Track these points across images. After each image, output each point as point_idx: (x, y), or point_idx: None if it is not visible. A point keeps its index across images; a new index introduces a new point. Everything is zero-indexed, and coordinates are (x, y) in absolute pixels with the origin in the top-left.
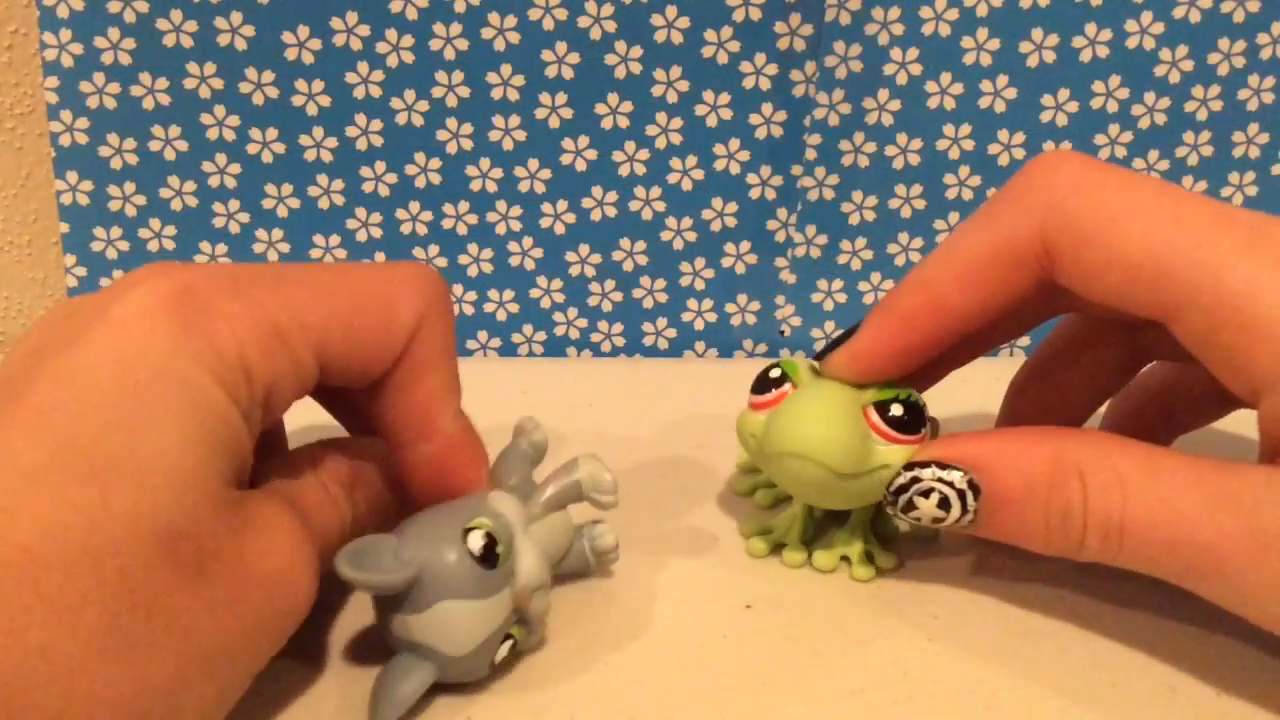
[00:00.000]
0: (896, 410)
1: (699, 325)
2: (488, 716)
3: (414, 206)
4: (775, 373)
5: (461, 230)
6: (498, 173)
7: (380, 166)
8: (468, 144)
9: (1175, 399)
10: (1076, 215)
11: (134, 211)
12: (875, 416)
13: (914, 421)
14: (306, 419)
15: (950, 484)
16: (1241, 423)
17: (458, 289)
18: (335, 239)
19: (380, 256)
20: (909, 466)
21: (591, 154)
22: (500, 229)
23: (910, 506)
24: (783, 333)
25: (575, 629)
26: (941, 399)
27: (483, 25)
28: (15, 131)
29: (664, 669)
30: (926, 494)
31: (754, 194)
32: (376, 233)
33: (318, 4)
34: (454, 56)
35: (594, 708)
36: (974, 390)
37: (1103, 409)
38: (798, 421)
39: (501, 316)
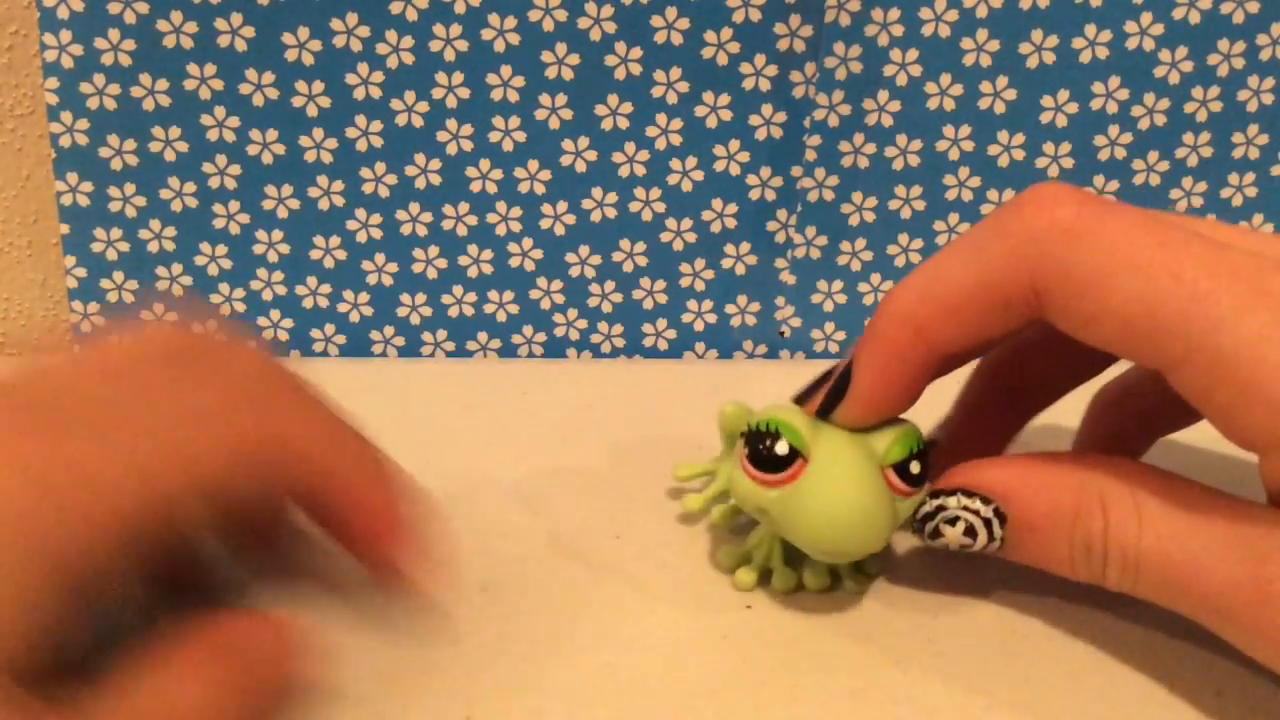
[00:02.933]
0: (915, 468)
1: (699, 326)
2: (488, 716)
3: (414, 208)
4: (782, 448)
5: (461, 231)
6: (498, 174)
7: (380, 167)
8: (468, 145)
9: (1159, 400)
10: (1069, 264)
11: (134, 213)
12: (896, 479)
13: (926, 472)
14: None
15: (975, 512)
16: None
17: (458, 290)
18: (335, 240)
19: (380, 258)
20: (934, 494)
21: (591, 155)
22: (500, 230)
23: (936, 534)
24: (783, 334)
25: (574, 629)
26: (935, 399)
27: (483, 26)
28: (15, 133)
29: (664, 669)
30: (952, 522)
31: (754, 195)
32: (376, 234)
33: (318, 5)
34: (454, 58)
35: (594, 708)
36: None
37: (1075, 402)
38: (833, 519)
39: (501, 318)
